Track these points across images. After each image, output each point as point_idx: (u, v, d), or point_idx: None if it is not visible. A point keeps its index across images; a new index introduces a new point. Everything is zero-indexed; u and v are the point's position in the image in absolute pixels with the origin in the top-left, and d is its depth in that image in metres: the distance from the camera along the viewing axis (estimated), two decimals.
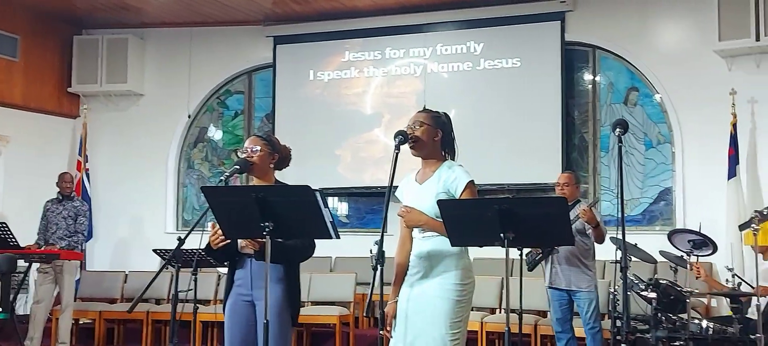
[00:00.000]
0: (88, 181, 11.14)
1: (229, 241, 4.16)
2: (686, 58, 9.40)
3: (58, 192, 8.99)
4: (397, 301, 4.03)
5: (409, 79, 10.58)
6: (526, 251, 6.80)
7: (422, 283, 3.98)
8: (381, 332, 3.86)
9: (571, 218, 6.60)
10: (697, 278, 7.02)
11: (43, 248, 8.62)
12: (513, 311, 4.52)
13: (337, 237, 3.91)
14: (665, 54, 9.57)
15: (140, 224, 11.39)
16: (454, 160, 4.18)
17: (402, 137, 3.97)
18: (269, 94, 11.23)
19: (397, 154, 3.93)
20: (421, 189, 4.07)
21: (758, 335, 5.88)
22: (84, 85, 11.43)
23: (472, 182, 4.02)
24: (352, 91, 10.83)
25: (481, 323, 8.06)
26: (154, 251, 8.57)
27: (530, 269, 6.98)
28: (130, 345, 9.47)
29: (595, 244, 6.74)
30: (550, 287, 6.80)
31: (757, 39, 8.61)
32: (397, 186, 4.10)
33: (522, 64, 10.07)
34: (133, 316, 9.12)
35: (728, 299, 7.22)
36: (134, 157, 11.51)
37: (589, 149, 10.00)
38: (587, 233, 6.65)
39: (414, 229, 4.04)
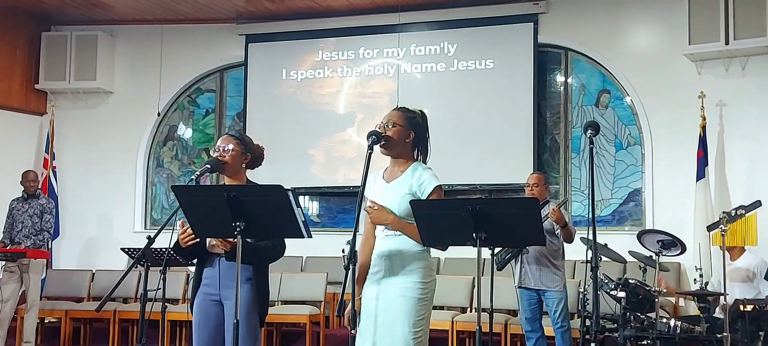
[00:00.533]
0: (55, 179, 11.01)
1: (198, 240, 4.13)
2: (657, 62, 9.50)
3: (23, 190, 8.88)
4: (360, 298, 4.02)
5: (382, 79, 10.58)
6: (495, 250, 6.84)
7: (385, 281, 3.98)
8: (352, 331, 3.84)
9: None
10: (660, 291, 7.07)
11: (8, 247, 8.51)
12: (483, 310, 4.52)
13: (310, 237, 3.89)
14: (636, 57, 9.66)
15: (108, 222, 11.28)
16: (426, 161, 4.16)
17: (375, 137, 3.95)
18: (241, 93, 11.17)
19: (370, 154, 3.91)
20: (389, 188, 4.05)
21: (724, 333, 5.95)
22: (52, 82, 11.29)
23: (439, 186, 4.01)
24: (325, 91, 10.80)
25: (452, 322, 8.08)
26: (123, 249, 8.49)
27: (499, 269, 7.01)
28: (97, 345, 9.38)
29: (565, 244, 6.80)
30: (519, 287, 6.84)
31: (727, 43, 8.70)
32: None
33: (495, 65, 10.10)
34: (100, 315, 9.05)
35: (696, 299, 7.30)
36: (102, 155, 11.39)
37: (561, 150, 10.05)
38: (556, 233, 6.70)
39: (377, 227, 4.02)
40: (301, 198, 10.67)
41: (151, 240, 4.32)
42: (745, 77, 8.97)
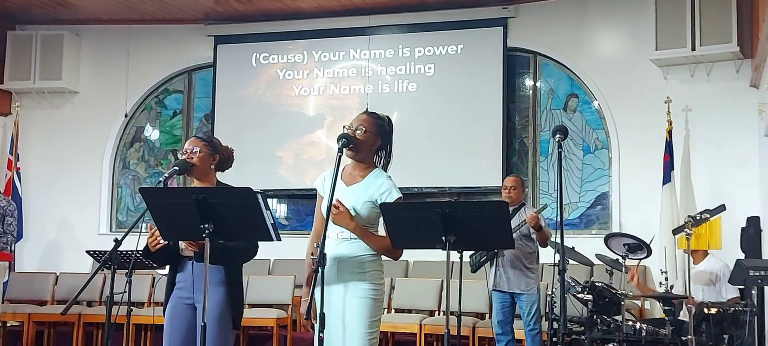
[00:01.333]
0: (19, 180, 10.87)
1: (166, 243, 4.09)
2: (624, 67, 9.59)
3: None
4: (309, 299, 3.98)
5: (352, 82, 10.58)
6: (470, 253, 6.87)
7: (340, 283, 3.98)
8: (320, 334, 3.82)
9: (517, 222, 6.69)
10: (629, 281, 7.14)
11: None
12: (452, 313, 4.52)
13: (279, 240, 3.88)
14: (604, 62, 9.74)
15: (72, 224, 11.15)
16: (387, 168, 4.16)
17: (345, 140, 3.94)
18: (209, 95, 11.11)
19: (340, 157, 3.91)
20: (348, 191, 4.04)
21: (689, 336, 6.00)
22: (16, 82, 11.14)
23: (401, 198, 4.02)
24: (294, 93, 10.77)
25: (420, 325, 8.08)
26: (88, 252, 8.37)
27: (474, 271, 7.04)
28: None
29: (540, 248, 6.84)
30: (494, 290, 6.86)
31: (693, 49, 8.80)
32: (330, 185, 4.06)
33: (464, 68, 10.14)
34: (64, 319, 8.91)
35: (661, 302, 7.36)
36: (68, 156, 11.27)
37: (529, 154, 10.10)
38: (532, 236, 6.73)
39: (332, 229, 4.00)
40: (269, 200, 10.61)
41: (118, 243, 4.27)
42: (711, 83, 9.07)
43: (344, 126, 4.06)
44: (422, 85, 10.30)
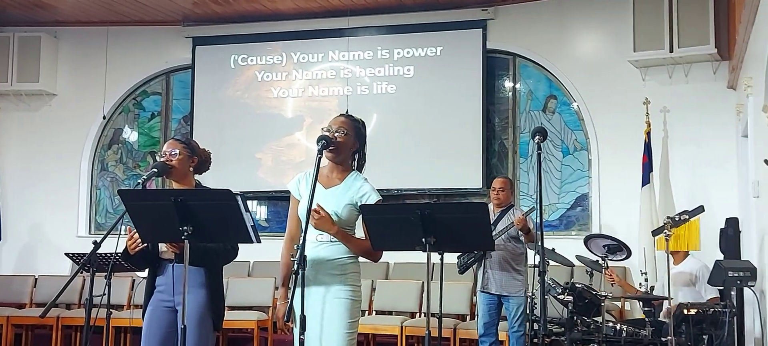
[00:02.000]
0: None
1: (145, 245, 4.07)
2: (602, 68, 9.63)
3: None
4: (287, 302, 3.97)
5: (331, 83, 10.57)
6: (457, 254, 6.86)
7: (319, 285, 3.98)
8: (301, 336, 3.81)
9: (506, 223, 6.70)
10: (611, 284, 7.18)
11: None
12: (433, 315, 4.52)
13: (259, 242, 3.86)
14: (582, 63, 9.78)
15: (51, 227, 11.07)
16: (362, 170, 4.17)
17: (325, 142, 3.94)
18: (188, 96, 11.06)
19: (319, 159, 3.90)
20: (327, 194, 4.04)
21: (669, 337, 6.04)
22: None
23: (381, 200, 4.04)
24: (273, 95, 10.74)
25: (401, 327, 8.07)
26: (67, 254, 8.31)
27: (461, 272, 7.04)
28: None
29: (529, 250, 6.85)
30: (481, 292, 6.85)
31: (671, 50, 8.85)
32: (308, 185, 4.05)
33: (444, 70, 10.15)
34: (43, 322, 8.85)
35: (641, 303, 7.40)
36: (45, 158, 11.19)
37: (509, 155, 10.12)
38: (520, 238, 6.74)
39: (311, 231, 3.99)
40: (249, 203, 10.58)
41: (97, 245, 4.24)
42: (689, 84, 9.13)
43: (322, 128, 4.06)
44: (401, 86, 10.30)
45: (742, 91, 7.30)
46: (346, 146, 4.06)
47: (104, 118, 11.20)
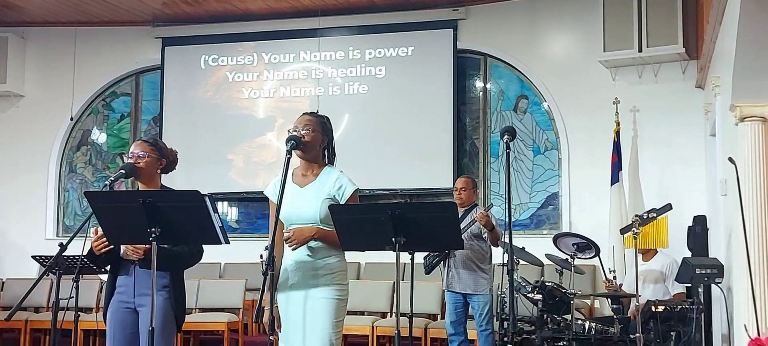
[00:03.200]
0: None
1: (112, 246, 4.04)
2: (573, 68, 9.69)
3: None
4: (276, 306, 3.99)
5: (302, 84, 10.54)
6: (423, 254, 6.87)
7: (304, 285, 3.98)
8: (270, 337, 3.81)
9: (468, 222, 6.72)
10: (607, 288, 7.26)
11: None
12: (403, 314, 4.52)
13: (227, 243, 3.84)
14: (553, 63, 9.83)
15: (18, 229, 10.94)
16: (333, 164, 4.18)
17: (294, 142, 3.94)
18: (157, 97, 10.98)
19: (288, 159, 3.90)
20: (303, 193, 4.05)
21: (637, 334, 6.09)
22: None
23: (356, 190, 4.05)
24: (244, 95, 10.70)
25: (372, 327, 8.08)
26: (34, 257, 8.24)
27: (427, 272, 7.04)
28: None
29: (492, 248, 6.86)
30: (447, 290, 6.87)
31: (640, 50, 8.91)
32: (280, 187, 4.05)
33: (415, 70, 10.16)
34: (10, 325, 8.76)
35: (609, 300, 7.46)
36: (13, 160, 11.07)
37: (480, 155, 10.16)
38: (484, 236, 6.76)
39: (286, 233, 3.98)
40: (219, 204, 10.56)
41: (63, 248, 4.21)
42: (658, 84, 9.21)
43: (288, 130, 4.06)
44: (373, 87, 10.30)
45: (710, 90, 7.37)
46: (314, 143, 4.06)
47: (72, 119, 11.10)
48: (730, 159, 5.51)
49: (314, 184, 4.06)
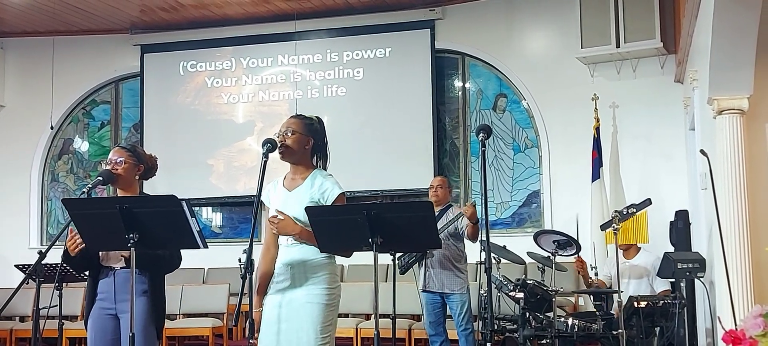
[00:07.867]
0: None
1: (84, 245, 4.02)
2: (551, 65, 9.72)
3: None
4: (262, 309, 3.99)
5: (281, 87, 10.55)
6: (398, 254, 6.86)
7: (291, 289, 3.96)
8: (250, 340, 3.81)
9: (444, 222, 6.72)
10: (578, 271, 7.24)
11: None
12: (387, 316, 4.53)
13: (205, 247, 3.83)
14: (531, 61, 9.86)
15: (1, 239, 10.90)
16: (326, 167, 4.15)
17: (270, 146, 3.93)
18: (137, 104, 10.97)
19: (265, 162, 3.90)
20: (291, 196, 4.03)
21: (620, 330, 6.10)
22: None
23: (343, 193, 4.02)
24: (223, 100, 10.70)
25: (356, 329, 8.08)
26: (17, 266, 8.19)
27: (402, 273, 7.02)
28: None
29: (467, 247, 6.86)
30: (423, 291, 6.87)
31: (617, 46, 8.95)
32: (263, 192, 4.07)
33: (393, 71, 10.18)
34: None
35: (591, 296, 7.47)
36: None
37: (460, 154, 10.18)
38: (460, 236, 6.76)
39: (280, 236, 4.00)
40: (201, 209, 10.54)
41: (42, 255, 4.19)
42: (637, 79, 9.26)
43: (275, 134, 4.04)
44: (351, 89, 10.31)
45: (689, 84, 7.39)
46: (296, 146, 4.02)
47: (52, 128, 11.05)
48: (702, 151, 5.53)
49: (301, 187, 4.03)
